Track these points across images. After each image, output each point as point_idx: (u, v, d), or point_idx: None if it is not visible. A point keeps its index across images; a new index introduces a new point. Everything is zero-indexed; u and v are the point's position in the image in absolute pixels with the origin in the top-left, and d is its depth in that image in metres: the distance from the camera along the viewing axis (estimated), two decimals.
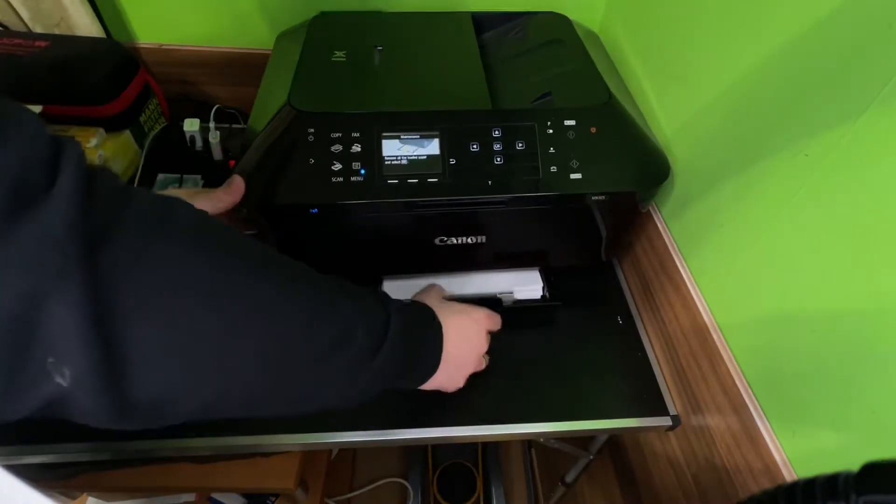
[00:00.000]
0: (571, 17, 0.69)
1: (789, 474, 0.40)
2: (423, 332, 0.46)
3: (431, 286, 0.58)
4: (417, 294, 0.55)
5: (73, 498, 0.78)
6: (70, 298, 0.25)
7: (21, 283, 0.24)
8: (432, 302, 0.49)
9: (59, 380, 0.25)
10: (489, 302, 0.63)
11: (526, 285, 0.64)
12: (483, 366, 0.53)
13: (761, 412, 0.43)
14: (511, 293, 0.63)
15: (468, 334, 0.49)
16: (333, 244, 0.57)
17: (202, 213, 0.33)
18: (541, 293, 0.64)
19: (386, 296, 0.44)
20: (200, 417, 0.32)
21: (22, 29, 0.73)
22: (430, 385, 0.47)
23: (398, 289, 0.62)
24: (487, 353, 0.53)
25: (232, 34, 0.76)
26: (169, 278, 0.29)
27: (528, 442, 1.18)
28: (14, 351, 0.24)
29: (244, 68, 0.79)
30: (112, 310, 0.26)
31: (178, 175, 0.71)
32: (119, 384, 0.27)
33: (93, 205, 0.26)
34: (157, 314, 0.28)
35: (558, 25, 0.68)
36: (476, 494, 1.08)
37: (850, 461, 0.23)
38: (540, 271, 0.65)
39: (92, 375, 0.26)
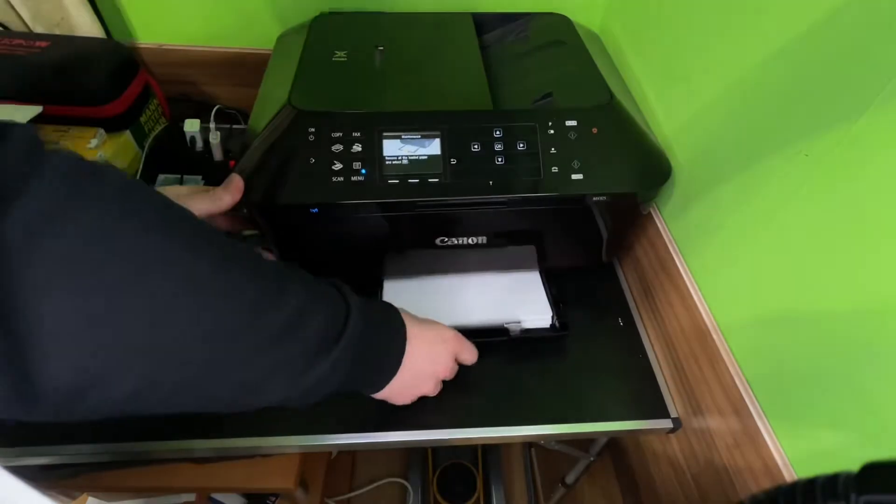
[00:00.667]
0: (572, 17, 0.70)
1: (789, 474, 0.40)
2: (386, 333, 0.43)
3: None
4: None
5: (73, 498, 0.78)
6: None
7: None
8: (402, 310, 0.46)
9: None
10: (496, 332, 0.59)
11: (534, 314, 0.60)
12: (435, 392, 0.50)
13: (761, 412, 0.43)
14: (518, 322, 0.60)
15: (434, 351, 0.47)
16: (334, 244, 0.57)
17: (137, 180, 0.30)
18: (550, 321, 0.60)
19: (348, 289, 0.40)
20: (127, 409, 0.29)
21: (22, 29, 0.73)
22: (381, 394, 0.45)
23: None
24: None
25: (232, 34, 0.77)
26: (88, 248, 0.26)
27: (529, 442, 1.18)
28: None
29: (244, 68, 0.79)
30: (17, 282, 0.23)
31: (179, 176, 0.71)
32: (23, 366, 0.24)
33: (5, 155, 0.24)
34: (71, 287, 0.25)
35: (559, 26, 0.68)
36: (476, 495, 1.08)
37: (850, 461, 0.23)
38: (548, 296, 0.62)
39: None
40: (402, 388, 0.46)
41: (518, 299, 0.62)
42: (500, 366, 0.58)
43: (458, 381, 0.56)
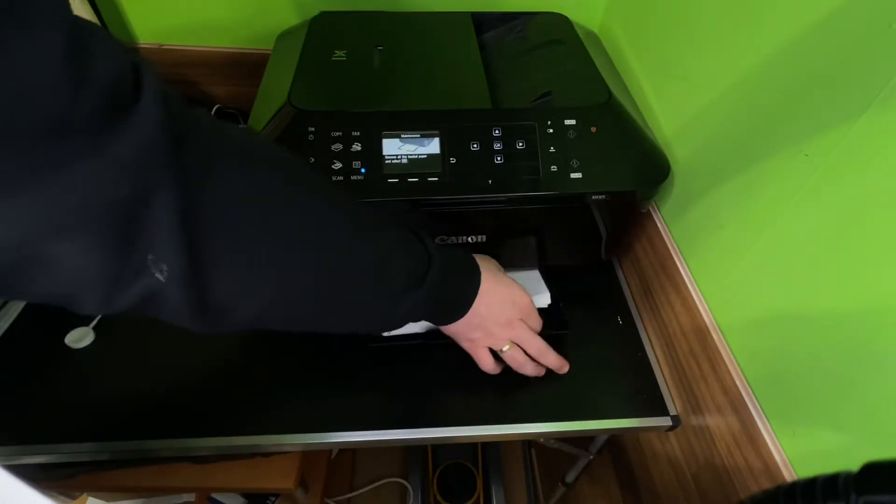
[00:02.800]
0: (571, 17, 0.70)
1: (789, 474, 0.40)
2: (463, 277, 0.48)
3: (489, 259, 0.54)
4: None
5: (73, 498, 0.78)
6: (167, 199, 0.27)
7: (128, 181, 0.26)
8: (481, 261, 0.50)
9: (157, 275, 0.28)
10: None
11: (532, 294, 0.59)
12: (503, 345, 0.51)
13: (761, 412, 0.43)
14: None
15: (503, 306, 0.50)
16: None
17: (250, 130, 0.37)
18: (548, 301, 0.61)
19: (427, 237, 0.45)
20: (255, 325, 0.35)
21: None
22: (450, 330, 0.50)
23: None
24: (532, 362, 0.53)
25: (232, 34, 0.77)
26: (235, 185, 0.31)
27: (528, 442, 1.18)
28: (125, 244, 0.27)
29: (244, 68, 0.79)
30: (196, 214, 0.29)
31: None
32: (200, 284, 0.30)
33: (170, 111, 0.28)
34: (228, 221, 0.31)
35: (558, 25, 0.68)
36: (476, 494, 1.08)
37: (850, 461, 0.23)
38: (545, 279, 0.63)
39: (182, 274, 0.29)
40: (469, 329, 0.50)
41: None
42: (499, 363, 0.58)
43: (457, 378, 0.56)
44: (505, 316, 0.50)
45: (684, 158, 0.55)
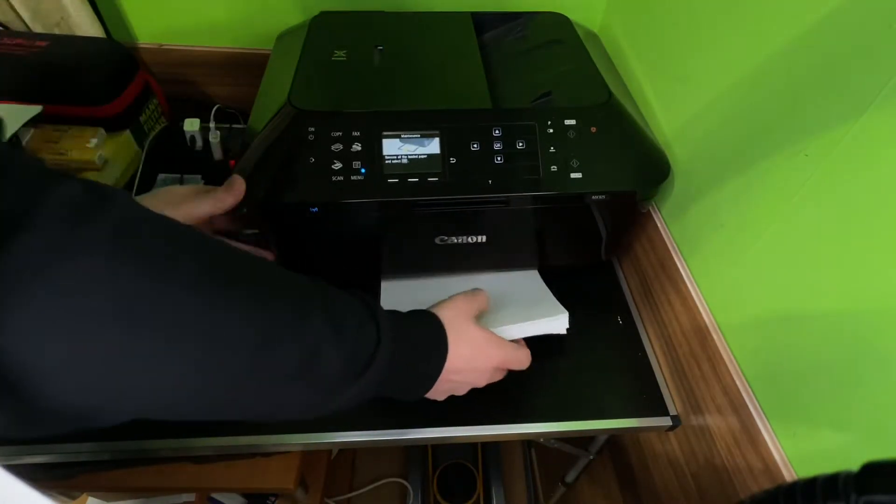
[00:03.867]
0: (571, 17, 0.69)
1: (789, 474, 0.40)
2: (423, 356, 0.42)
3: (474, 296, 0.48)
4: (452, 298, 0.47)
5: (73, 498, 0.78)
6: None
7: None
8: (451, 318, 0.44)
9: None
10: None
11: (548, 318, 0.55)
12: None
13: (761, 412, 0.43)
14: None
15: (476, 371, 0.46)
16: (333, 244, 0.57)
17: (141, 208, 0.29)
18: (567, 325, 0.56)
19: (381, 312, 0.39)
20: (142, 417, 0.30)
21: (22, 29, 0.73)
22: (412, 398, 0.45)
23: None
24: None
25: (232, 34, 0.77)
26: (84, 289, 0.24)
27: (528, 442, 1.18)
28: None
29: (244, 68, 0.79)
30: (10, 321, 0.23)
31: (179, 175, 0.71)
32: (18, 396, 0.24)
33: (3, 188, 0.23)
34: (65, 330, 0.24)
35: (558, 25, 0.68)
36: (476, 494, 1.08)
37: (850, 461, 0.23)
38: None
39: None
40: (435, 394, 0.45)
41: (526, 301, 0.59)
42: None
43: None
44: (478, 378, 0.46)
45: (684, 158, 0.55)
